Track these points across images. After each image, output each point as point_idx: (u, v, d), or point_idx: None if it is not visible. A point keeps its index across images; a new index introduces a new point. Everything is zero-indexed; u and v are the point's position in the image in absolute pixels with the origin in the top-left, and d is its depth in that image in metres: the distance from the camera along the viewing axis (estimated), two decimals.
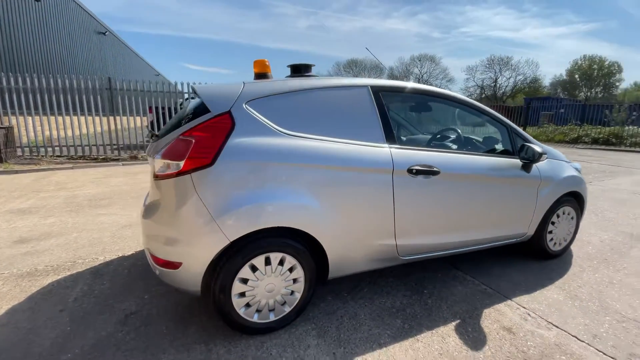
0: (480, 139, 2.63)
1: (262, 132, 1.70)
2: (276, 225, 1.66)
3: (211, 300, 1.67)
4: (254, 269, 1.68)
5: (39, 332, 1.77)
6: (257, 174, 1.65)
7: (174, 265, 1.62)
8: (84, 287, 2.24)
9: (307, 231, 1.73)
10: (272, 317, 1.78)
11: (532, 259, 2.75)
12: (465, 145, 2.62)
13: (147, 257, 1.82)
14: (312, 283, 1.85)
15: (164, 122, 8.70)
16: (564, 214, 2.72)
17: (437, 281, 2.38)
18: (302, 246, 1.76)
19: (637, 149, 11.55)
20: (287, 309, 1.81)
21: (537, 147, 2.28)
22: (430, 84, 60.89)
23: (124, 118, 8.35)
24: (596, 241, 3.16)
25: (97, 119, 7.95)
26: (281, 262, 1.74)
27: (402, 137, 2.68)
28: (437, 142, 2.63)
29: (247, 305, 1.72)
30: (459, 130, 2.67)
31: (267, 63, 2.14)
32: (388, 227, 1.95)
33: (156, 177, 1.69)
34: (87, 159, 7.73)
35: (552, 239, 2.71)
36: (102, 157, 7.98)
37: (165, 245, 1.64)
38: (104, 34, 18.82)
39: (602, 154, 10.58)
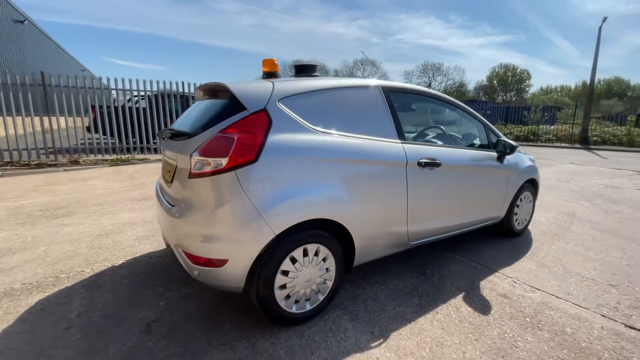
0: (461, 135, 2.99)
1: (295, 128, 1.76)
2: (315, 217, 1.74)
3: (253, 295, 1.68)
4: (293, 260, 1.74)
5: (51, 354, 1.59)
6: (295, 169, 1.71)
7: (219, 263, 1.60)
8: (83, 301, 2.04)
9: (339, 221, 1.83)
10: (308, 307, 1.85)
11: (501, 238, 3.19)
12: (455, 140, 2.94)
13: (181, 258, 1.74)
14: (341, 271, 1.95)
15: (110, 123, 7.91)
16: (525, 198, 3.21)
17: (434, 263, 2.65)
18: (333, 236, 1.86)
19: (549, 144, 13.69)
20: (321, 297, 1.89)
21: (511, 141, 2.69)
22: None
23: (61, 118, 7.40)
24: (544, 220, 3.77)
25: (27, 119, 6.92)
26: (316, 253, 1.81)
27: (407, 134, 2.92)
28: (435, 138, 2.92)
29: (287, 296, 1.76)
30: (450, 127, 2.99)
31: (275, 62, 2.19)
32: (402, 214, 2.15)
33: (192, 175, 1.65)
34: (17, 165, 6.69)
35: (516, 220, 3.19)
36: (36, 162, 6.97)
37: (207, 244, 1.60)
38: (22, 22, 16.21)
39: (524, 149, 12.32)
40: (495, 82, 66.05)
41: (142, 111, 8.24)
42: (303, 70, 2.38)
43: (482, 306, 2.06)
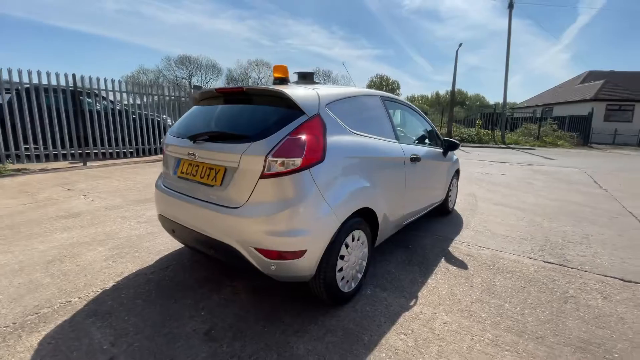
0: (422, 135, 3.68)
1: (339, 131, 2.00)
2: (364, 207, 2.03)
3: (320, 280, 1.85)
4: (346, 246, 1.98)
5: None
6: (346, 166, 1.96)
7: (298, 254, 1.71)
8: (105, 330, 1.77)
9: (372, 208, 2.17)
10: (353, 286, 2.11)
11: (440, 216, 4.07)
12: (420, 139, 3.58)
13: (251, 256, 1.74)
14: (371, 251, 2.29)
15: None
16: (453, 184, 4.18)
17: (411, 240, 3.25)
18: (365, 222, 2.18)
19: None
20: (359, 276, 2.18)
21: (455, 140, 3.52)
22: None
23: None
24: (459, 201, 4.92)
25: None
26: (358, 237, 2.10)
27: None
28: (410, 137, 3.47)
29: (342, 278, 1.99)
30: (416, 129, 3.61)
31: (286, 68, 2.37)
32: (402, 199, 2.63)
33: (266, 175, 1.69)
34: None
35: (450, 201, 4.12)
36: None
37: (287, 237, 1.69)
38: None
39: None
40: (372, 89, 75.81)
41: (8, 109, 6.44)
42: (305, 77, 2.59)
43: (460, 264, 2.73)
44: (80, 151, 7.51)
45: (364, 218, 2.15)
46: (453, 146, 3.55)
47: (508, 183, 6.52)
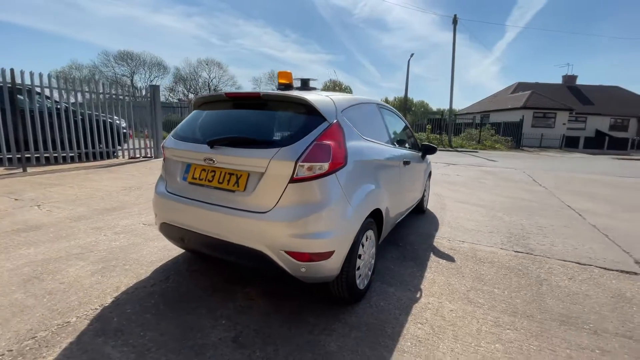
0: (404, 139, 3.92)
1: (354, 136, 2.11)
2: (377, 207, 2.15)
3: (343, 279, 1.93)
4: (362, 245, 2.08)
5: None
6: (363, 170, 2.07)
7: (326, 256, 1.76)
8: (122, 348, 1.65)
9: (381, 209, 2.30)
10: (365, 282, 2.22)
11: (415, 215, 4.38)
12: (407, 144, 3.79)
13: (281, 259, 1.75)
14: (377, 249, 2.42)
15: None
16: (427, 185, 4.52)
17: (399, 238, 3.46)
18: (373, 221, 2.31)
19: None
20: (369, 273, 2.30)
21: (432, 144, 3.82)
22: (221, 89, 61.42)
23: None
24: (428, 200, 5.32)
25: None
26: (370, 237, 2.22)
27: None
28: (398, 142, 3.67)
29: (359, 276, 2.09)
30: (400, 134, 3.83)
31: (291, 75, 2.43)
32: (397, 199, 2.81)
33: (295, 179, 1.72)
34: None
35: (425, 201, 4.46)
36: None
37: (317, 239, 1.73)
38: None
39: None
40: None
41: None
42: (305, 84, 2.66)
43: (447, 257, 2.99)
44: (19, 155, 6.61)
45: (373, 218, 2.28)
46: (431, 150, 3.85)
47: (464, 183, 7.18)
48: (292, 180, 1.74)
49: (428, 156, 4.37)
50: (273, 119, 2.02)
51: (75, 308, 1.98)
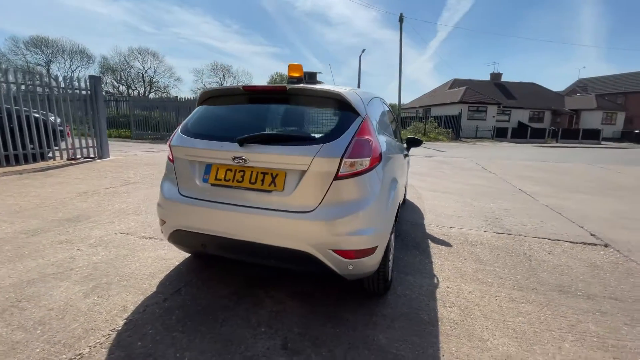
0: (396, 133, 4.03)
1: (377, 131, 2.11)
2: (401, 199, 2.19)
3: (380, 273, 1.95)
4: (392, 237, 2.12)
5: None
6: (389, 164, 2.10)
7: (371, 251, 1.75)
8: None
9: (400, 201, 2.36)
10: (390, 274, 2.27)
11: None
12: (398, 137, 3.88)
13: (330, 258, 1.68)
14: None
15: None
16: (407, 176, 4.75)
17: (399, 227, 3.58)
18: None
19: None
20: (391, 265, 2.35)
21: (418, 138, 4.01)
22: (157, 81, 56.06)
23: None
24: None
25: None
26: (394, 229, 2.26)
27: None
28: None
29: (390, 267, 2.13)
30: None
31: (302, 67, 2.36)
32: (402, 191, 2.91)
33: (340, 176, 1.67)
34: None
35: (407, 192, 4.68)
36: None
37: (363, 236, 1.71)
38: None
39: None
40: None
41: None
42: (312, 77, 2.59)
43: (444, 243, 3.19)
44: None
45: None
46: (416, 143, 4.03)
47: (428, 173, 7.68)
48: (337, 177, 1.69)
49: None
50: (303, 114, 1.94)
51: (82, 337, 1.70)
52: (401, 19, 18.89)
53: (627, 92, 36.55)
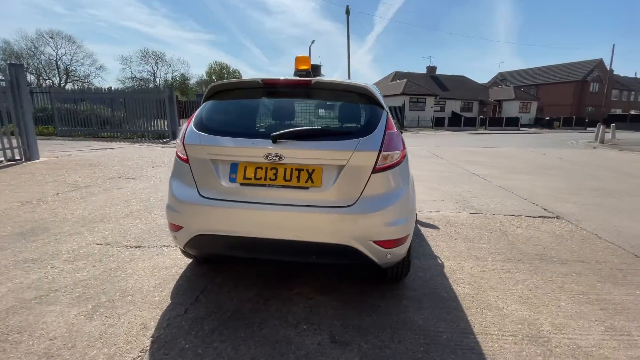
0: None
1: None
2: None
3: (406, 260, 2.05)
4: None
5: None
6: (408, 155, 2.19)
7: (405, 239, 1.84)
8: None
9: None
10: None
11: None
12: None
13: (371, 249, 1.71)
14: None
15: None
16: None
17: None
18: None
19: None
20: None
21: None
22: (75, 70, 49.72)
23: None
24: None
25: None
26: None
27: None
28: None
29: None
30: None
31: (309, 59, 2.34)
32: None
33: (378, 169, 1.70)
34: None
35: None
36: None
37: (400, 225, 1.78)
38: None
39: None
40: (214, 77, 71.69)
41: None
42: (316, 70, 2.57)
43: (431, 226, 3.45)
44: None
45: None
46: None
47: None
48: (375, 170, 1.73)
49: None
50: (328, 108, 1.92)
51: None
52: (347, 12, 19.26)
53: (539, 84, 42.51)
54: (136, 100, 12.37)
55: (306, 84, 1.88)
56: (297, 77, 1.90)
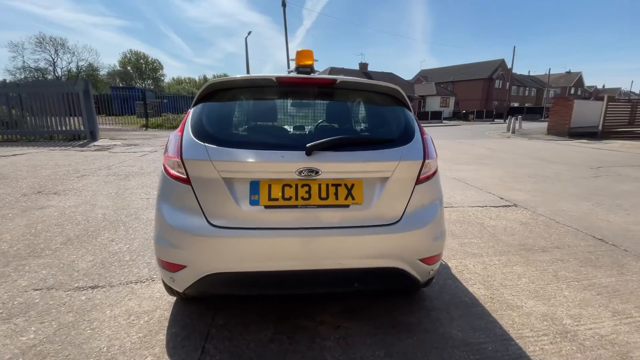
0: None
1: None
2: None
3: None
4: None
5: None
6: None
7: (440, 256, 1.71)
8: None
9: None
10: None
11: None
12: None
13: (417, 268, 1.54)
14: None
15: None
16: None
17: None
18: None
19: None
20: None
21: None
22: None
23: None
24: None
25: None
26: None
27: None
28: None
29: None
30: None
31: (312, 54, 2.09)
32: None
33: (421, 180, 1.53)
34: None
35: None
36: None
37: (442, 238, 1.66)
38: None
39: None
40: (129, 68, 63.80)
41: None
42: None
43: None
44: None
45: None
46: None
47: None
48: (418, 181, 1.57)
49: None
50: (356, 112, 1.68)
51: None
52: (284, 4, 18.73)
53: (455, 81, 47.58)
54: (41, 95, 10.19)
55: (330, 84, 1.61)
56: (317, 76, 1.61)
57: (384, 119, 1.74)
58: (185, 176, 1.46)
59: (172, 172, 1.50)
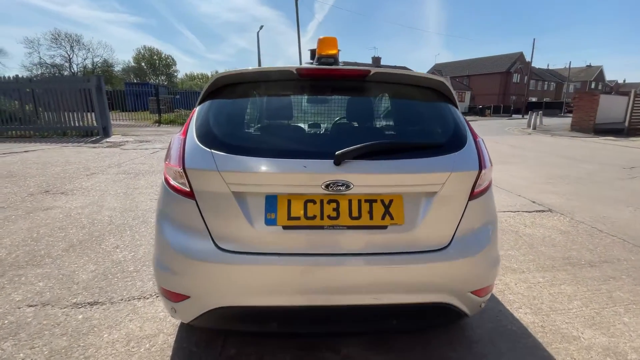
0: None
1: None
2: None
3: None
4: None
5: None
6: None
7: (493, 287, 1.43)
8: None
9: None
10: None
11: None
12: None
13: (466, 302, 1.26)
14: None
15: None
16: None
17: None
18: None
19: None
20: None
21: None
22: None
23: None
24: None
25: None
26: None
27: None
28: None
29: None
30: None
31: (336, 42, 1.80)
32: None
33: (476, 194, 1.24)
34: None
35: None
36: None
37: (498, 264, 1.38)
38: None
39: None
40: (143, 64, 64.42)
41: None
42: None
43: None
44: None
45: None
46: None
47: None
48: (472, 196, 1.28)
49: None
50: (395, 109, 1.40)
51: None
52: None
53: (470, 75, 46.28)
54: (54, 90, 10.18)
55: (362, 76, 1.33)
56: (346, 67, 1.34)
57: (429, 119, 1.44)
58: (188, 189, 1.22)
59: (174, 183, 1.26)
